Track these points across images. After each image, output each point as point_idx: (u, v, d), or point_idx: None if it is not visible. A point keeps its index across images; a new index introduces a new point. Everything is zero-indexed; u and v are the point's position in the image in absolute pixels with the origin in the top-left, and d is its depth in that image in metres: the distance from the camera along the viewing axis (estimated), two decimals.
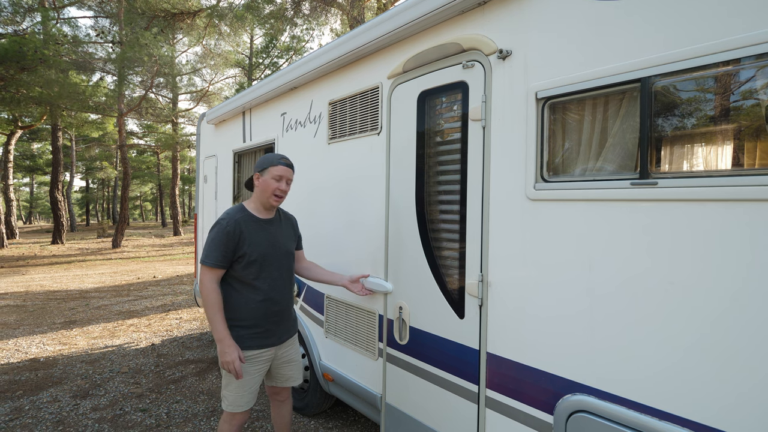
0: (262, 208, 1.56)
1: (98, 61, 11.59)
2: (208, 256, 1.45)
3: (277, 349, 1.63)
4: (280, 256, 1.58)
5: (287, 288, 1.62)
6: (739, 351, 0.87)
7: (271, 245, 1.54)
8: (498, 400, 1.30)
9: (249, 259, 1.47)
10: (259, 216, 1.56)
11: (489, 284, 1.34)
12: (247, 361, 1.52)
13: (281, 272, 1.58)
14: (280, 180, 1.52)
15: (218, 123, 3.33)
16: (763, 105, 0.88)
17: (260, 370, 1.57)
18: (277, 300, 1.56)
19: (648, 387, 0.99)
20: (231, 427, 1.57)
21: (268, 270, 1.53)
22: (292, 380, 1.70)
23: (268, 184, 1.52)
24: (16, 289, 6.49)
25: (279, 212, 1.68)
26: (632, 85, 1.03)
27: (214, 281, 1.45)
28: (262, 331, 1.54)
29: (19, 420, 2.41)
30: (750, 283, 0.86)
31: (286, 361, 1.67)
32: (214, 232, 1.47)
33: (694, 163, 1.01)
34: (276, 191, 1.52)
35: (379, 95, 1.81)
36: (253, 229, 1.51)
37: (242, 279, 1.50)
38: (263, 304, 1.52)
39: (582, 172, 1.17)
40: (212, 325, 1.44)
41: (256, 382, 1.57)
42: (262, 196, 1.54)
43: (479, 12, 1.39)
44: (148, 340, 3.97)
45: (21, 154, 21.67)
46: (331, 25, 10.57)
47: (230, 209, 1.56)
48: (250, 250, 1.47)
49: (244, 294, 1.51)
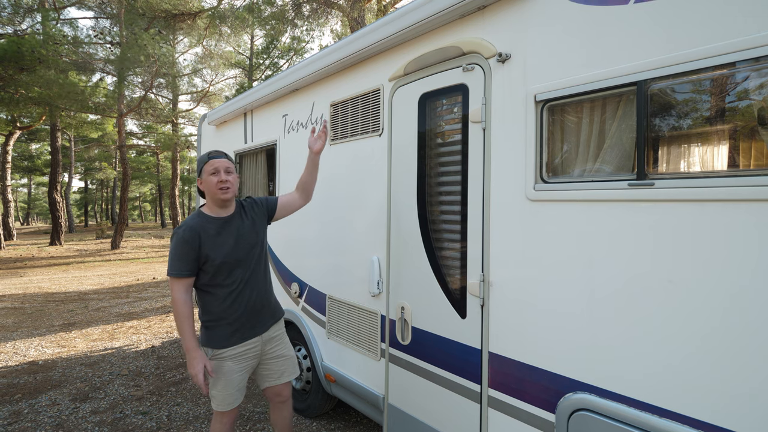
0: (217, 207, 1.57)
1: (98, 62, 11.58)
2: (171, 267, 1.46)
3: (264, 344, 1.63)
4: (247, 250, 1.57)
5: (261, 279, 1.63)
6: (739, 348, 0.88)
7: (235, 242, 1.54)
8: (500, 400, 1.31)
9: (214, 263, 1.48)
10: (218, 216, 1.56)
11: (490, 284, 1.35)
12: (232, 359, 1.53)
13: (251, 266, 1.58)
14: (217, 173, 1.52)
15: (219, 124, 3.34)
16: (757, 107, 0.90)
17: (246, 367, 1.58)
18: (252, 294, 1.58)
19: (650, 385, 1.00)
20: (222, 426, 1.58)
21: (238, 268, 1.54)
22: (286, 375, 1.70)
23: (209, 182, 1.53)
24: (14, 291, 6.46)
25: (241, 205, 1.66)
26: (629, 88, 1.05)
27: (181, 291, 1.46)
28: (243, 325, 1.56)
29: (18, 424, 2.40)
30: (749, 282, 0.87)
31: (276, 356, 1.67)
32: (173, 242, 1.48)
33: (691, 164, 1.03)
34: (218, 185, 1.51)
35: (380, 97, 1.82)
36: (212, 232, 1.51)
37: (214, 282, 1.51)
38: (240, 301, 1.54)
39: (581, 173, 1.18)
40: (181, 336, 1.45)
41: (242, 380, 1.58)
42: (211, 196, 1.55)
43: (479, 16, 1.41)
44: (148, 342, 3.96)
45: (19, 154, 21.59)
46: (331, 27, 10.63)
47: (188, 217, 1.59)
48: (212, 254, 1.47)
49: (219, 295, 1.52)
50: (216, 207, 1.57)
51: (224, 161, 1.56)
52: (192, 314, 1.47)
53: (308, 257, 2.32)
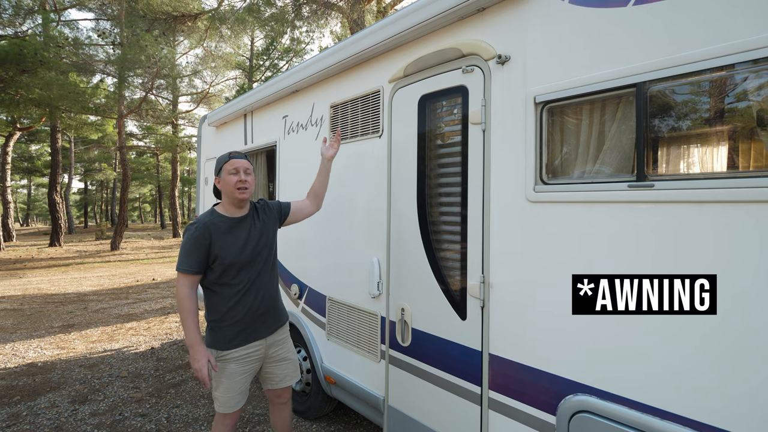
0: (232, 207, 1.57)
1: (99, 63, 11.61)
2: (181, 263, 1.47)
3: (268, 347, 1.63)
4: (256, 252, 1.57)
5: (269, 282, 1.63)
6: (740, 349, 0.88)
7: (245, 243, 1.55)
8: (500, 402, 1.31)
9: (222, 262, 1.48)
10: (231, 216, 1.56)
11: (490, 285, 1.35)
12: (235, 361, 1.53)
13: (259, 268, 1.58)
14: (237, 172, 1.54)
15: (219, 125, 3.34)
16: (756, 108, 0.90)
17: (249, 370, 1.58)
18: (259, 296, 1.57)
19: (650, 387, 1.00)
20: (224, 428, 1.58)
21: (246, 269, 1.54)
22: (288, 379, 1.70)
23: (227, 181, 1.54)
24: (13, 293, 6.45)
25: (254, 207, 1.67)
26: (628, 89, 1.05)
27: (187, 287, 1.46)
28: (247, 327, 1.56)
29: (17, 426, 2.39)
30: (749, 283, 0.87)
31: (279, 359, 1.67)
32: (185, 238, 1.49)
33: (691, 166, 1.03)
34: (237, 184, 1.53)
35: (380, 99, 1.83)
36: (223, 231, 1.51)
37: (221, 282, 1.51)
38: (245, 302, 1.54)
39: (580, 175, 1.18)
40: (184, 331, 1.45)
41: (245, 382, 1.58)
42: (228, 195, 1.56)
43: (479, 18, 1.41)
44: (147, 343, 3.95)
45: (19, 155, 21.60)
46: (331, 28, 10.65)
47: (202, 214, 1.59)
48: (222, 254, 1.48)
49: (225, 295, 1.52)
50: (231, 207, 1.57)
51: (245, 162, 1.58)
52: (196, 310, 1.47)
53: (308, 258, 2.32)
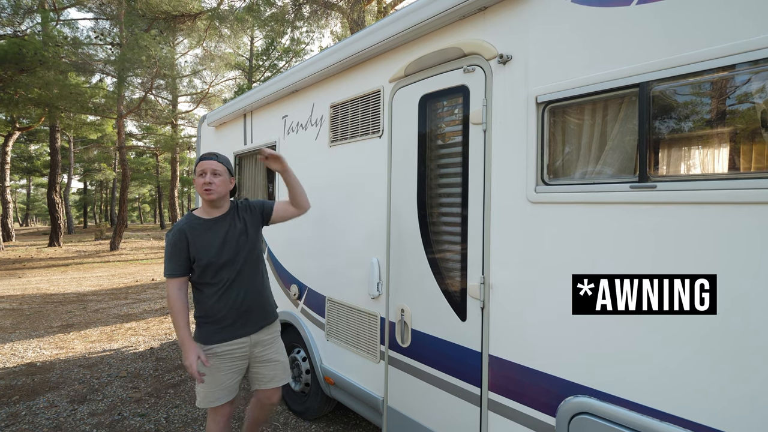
0: (208, 207, 1.61)
1: (98, 63, 11.59)
2: (165, 268, 1.55)
3: (253, 346, 1.63)
4: (234, 251, 1.59)
5: (251, 281, 1.63)
6: (740, 351, 0.88)
7: (223, 243, 1.57)
8: (500, 403, 1.30)
9: (200, 263, 1.53)
10: (207, 217, 1.60)
11: (491, 286, 1.34)
12: (217, 357, 1.55)
13: (238, 267, 1.59)
14: (203, 174, 1.57)
15: (219, 125, 3.34)
16: (759, 109, 0.90)
17: (233, 367, 1.59)
18: (240, 294, 1.59)
19: (650, 388, 0.99)
20: (216, 424, 1.60)
21: (226, 269, 1.57)
22: (275, 380, 1.70)
23: (196, 182, 1.59)
24: (13, 293, 6.43)
25: (236, 206, 1.67)
26: (631, 89, 1.04)
27: (175, 288, 1.53)
28: (231, 323, 1.58)
29: (16, 426, 2.39)
30: (748, 284, 0.87)
31: (266, 360, 1.67)
32: (166, 244, 1.57)
33: (692, 167, 1.03)
34: (204, 186, 1.55)
35: (380, 98, 1.82)
36: (199, 232, 1.55)
37: (202, 281, 1.57)
38: (225, 300, 1.57)
39: (582, 176, 1.18)
40: (175, 329, 1.53)
41: (229, 378, 1.59)
42: (200, 196, 1.61)
43: (480, 17, 1.41)
44: (146, 343, 3.95)
45: (18, 155, 21.57)
46: (331, 28, 10.64)
47: (180, 219, 1.65)
48: (199, 255, 1.53)
49: (207, 293, 1.57)
50: (208, 207, 1.62)
51: (212, 163, 1.59)
52: (186, 309, 1.54)
53: (307, 259, 2.31)
